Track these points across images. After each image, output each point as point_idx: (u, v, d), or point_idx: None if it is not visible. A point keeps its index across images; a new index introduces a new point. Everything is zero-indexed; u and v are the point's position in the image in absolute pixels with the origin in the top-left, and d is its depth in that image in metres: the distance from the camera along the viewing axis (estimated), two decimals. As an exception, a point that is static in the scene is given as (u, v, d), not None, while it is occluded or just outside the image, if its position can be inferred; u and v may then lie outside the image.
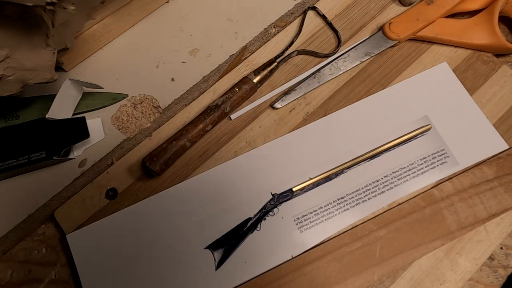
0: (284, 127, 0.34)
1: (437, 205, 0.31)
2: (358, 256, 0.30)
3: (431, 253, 0.30)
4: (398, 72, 0.36)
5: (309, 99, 0.35)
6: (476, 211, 0.31)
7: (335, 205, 0.31)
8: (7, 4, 0.25)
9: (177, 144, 0.32)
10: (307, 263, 0.30)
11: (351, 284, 0.29)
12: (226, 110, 0.33)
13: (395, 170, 0.32)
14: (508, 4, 0.36)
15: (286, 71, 0.36)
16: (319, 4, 0.39)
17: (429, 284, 0.30)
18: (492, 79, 0.35)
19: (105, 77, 0.35)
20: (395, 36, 0.36)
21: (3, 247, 0.31)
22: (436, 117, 0.34)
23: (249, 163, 0.33)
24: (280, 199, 0.31)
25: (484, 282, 0.30)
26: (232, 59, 0.36)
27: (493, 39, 0.35)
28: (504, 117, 0.34)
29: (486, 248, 0.30)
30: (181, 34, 0.37)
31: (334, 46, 0.37)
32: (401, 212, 0.31)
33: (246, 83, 0.34)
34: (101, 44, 0.36)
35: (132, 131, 0.34)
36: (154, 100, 0.35)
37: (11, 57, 0.26)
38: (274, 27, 0.38)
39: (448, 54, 0.36)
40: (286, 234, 0.31)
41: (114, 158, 0.33)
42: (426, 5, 0.36)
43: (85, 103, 0.34)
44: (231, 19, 0.38)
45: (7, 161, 0.30)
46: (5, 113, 0.32)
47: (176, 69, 0.36)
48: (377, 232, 0.31)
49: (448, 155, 0.33)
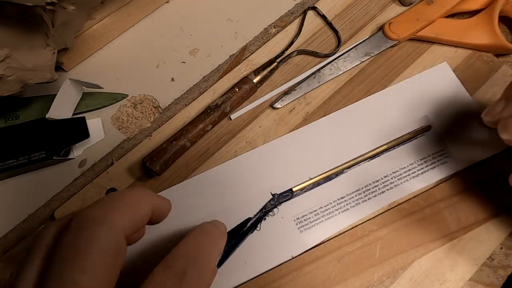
0: (284, 127, 0.34)
1: (437, 205, 0.31)
2: (358, 256, 0.30)
3: (431, 253, 0.30)
4: (398, 72, 0.36)
5: (309, 99, 0.35)
6: (476, 211, 0.31)
7: (335, 205, 0.31)
8: (7, 4, 0.25)
9: (177, 144, 0.32)
10: (307, 263, 0.30)
11: (351, 284, 0.29)
12: (226, 110, 0.33)
13: (395, 170, 0.32)
14: (508, 4, 0.36)
15: (286, 71, 0.36)
16: (319, 4, 0.39)
17: (429, 284, 0.30)
18: (492, 79, 0.35)
19: (105, 77, 0.35)
20: (395, 36, 0.36)
21: (3, 247, 0.31)
22: (436, 117, 0.34)
23: (249, 163, 0.33)
24: (280, 199, 0.31)
25: (484, 282, 0.30)
26: (232, 59, 0.36)
27: (493, 39, 0.35)
28: (504, 117, 0.34)
29: (486, 248, 0.30)
30: (181, 34, 0.37)
31: (334, 46, 0.37)
32: (401, 212, 0.31)
33: (246, 83, 0.34)
34: (101, 44, 0.36)
35: (132, 131, 0.34)
36: (154, 100, 0.35)
37: (11, 57, 0.26)
38: (274, 27, 0.38)
39: (448, 54, 0.36)
40: (286, 234, 0.31)
41: (114, 158, 0.33)
42: (426, 5, 0.36)
43: (85, 103, 0.34)
44: (231, 19, 0.38)
45: (7, 161, 0.30)
46: (5, 113, 0.32)
47: (176, 69, 0.36)
48: (377, 232, 0.31)
49: (448, 155, 0.33)
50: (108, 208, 0.20)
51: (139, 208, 0.21)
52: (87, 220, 0.19)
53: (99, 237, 0.18)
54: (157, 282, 0.19)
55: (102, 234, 0.18)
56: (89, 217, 0.19)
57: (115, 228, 0.19)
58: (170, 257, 0.21)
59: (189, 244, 0.22)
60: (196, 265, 0.21)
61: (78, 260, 0.17)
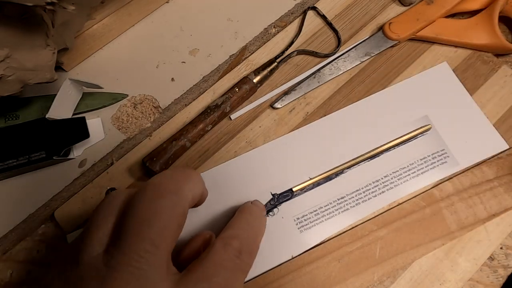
0: (284, 127, 0.34)
1: (437, 205, 0.31)
2: (358, 256, 0.30)
3: (431, 253, 0.30)
4: (398, 72, 0.36)
5: (309, 99, 0.35)
6: (476, 211, 0.31)
7: (335, 205, 0.31)
8: (7, 4, 0.25)
9: (177, 144, 0.32)
10: (307, 263, 0.30)
11: (351, 284, 0.29)
12: (226, 110, 0.33)
13: (395, 170, 0.32)
14: (508, 4, 0.36)
15: (286, 71, 0.36)
16: (319, 4, 0.39)
17: (429, 284, 0.30)
18: (492, 79, 0.35)
19: (105, 77, 0.35)
20: (395, 36, 0.36)
21: (3, 247, 0.31)
22: (436, 117, 0.34)
23: (249, 163, 0.33)
24: (280, 199, 0.31)
25: (484, 282, 0.30)
26: (232, 59, 0.36)
27: (493, 39, 0.35)
28: (504, 117, 0.34)
29: (486, 248, 0.30)
30: (181, 34, 0.37)
31: (334, 46, 0.37)
32: (401, 212, 0.31)
33: (246, 83, 0.34)
34: (101, 44, 0.36)
35: (132, 131, 0.34)
36: (154, 100, 0.35)
37: (11, 57, 0.26)
38: (274, 27, 0.38)
39: (448, 54, 0.36)
40: (286, 234, 0.31)
41: (114, 158, 0.33)
42: (426, 5, 0.36)
43: (85, 103, 0.34)
44: (231, 19, 0.38)
45: (7, 161, 0.30)
46: (5, 113, 0.32)
47: (176, 69, 0.36)
48: (377, 232, 0.31)
49: (448, 155, 0.33)
50: (181, 181, 0.22)
51: (200, 187, 0.24)
52: (164, 189, 0.21)
53: (174, 205, 0.20)
54: (220, 257, 0.21)
55: (177, 203, 0.21)
56: (165, 187, 0.21)
57: (185, 200, 0.21)
58: (228, 236, 0.23)
59: (243, 226, 0.25)
60: (248, 246, 0.23)
61: (154, 221, 0.19)
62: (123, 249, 0.19)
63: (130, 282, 0.18)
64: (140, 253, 0.19)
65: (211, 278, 0.20)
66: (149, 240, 0.19)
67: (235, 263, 0.22)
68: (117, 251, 0.19)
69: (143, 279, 0.18)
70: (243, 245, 0.23)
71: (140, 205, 0.20)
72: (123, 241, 0.19)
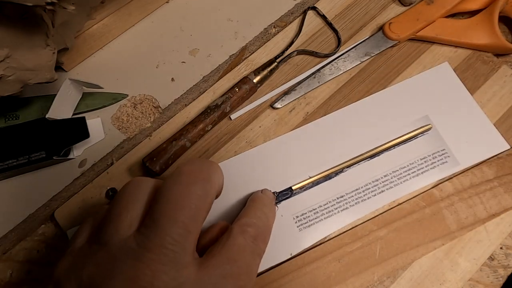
0: (284, 127, 0.34)
1: (437, 205, 0.31)
2: (358, 256, 0.30)
3: (431, 253, 0.30)
4: (398, 72, 0.36)
5: (309, 99, 0.35)
6: (476, 211, 0.31)
7: (335, 204, 0.31)
8: (7, 4, 0.25)
9: (177, 144, 0.32)
10: (307, 263, 0.30)
11: (351, 284, 0.29)
12: (226, 110, 0.33)
13: (395, 170, 0.32)
14: (508, 4, 0.36)
15: (286, 71, 0.36)
16: (319, 4, 0.39)
17: (429, 284, 0.30)
18: (492, 79, 0.35)
19: (105, 77, 0.35)
20: (395, 36, 0.36)
21: (3, 247, 0.31)
22: (436, 117, 0.34)
23: (248, 161, 0.33)
24: (280, 198, 0.31)
25: (484, 282, 0.30)
26: (232, 59, 0.36)
27: (493, 39, 0.35)
28: (504, 117, 0.34)
29: (486, 248, 0.30)
30: (181, 34, 0.37)
31: (334, 46, 0.37)
32: (401, 212, 0.31)
33: (246, 83, 0.34)
34: (101, 44, 0.36)
35: (132, 131, 0.34)
36: (154, 100, 0.35)
37: (11, 57, 0.26)
38: (274, 27, 0.38)
39: (448, 54, 0.36)
40: (285, 232, 0.31)
41: (114, 158, 0.33)
42: (426, 5, 0.36)
43: (85, 103, 0.34)
44: (231, 19, 0.38)
45: (7, 161, 0.30)
46: (5, 113, 0.32)
47: (176, 69, 0.36)
48: (377, 232, 0.31)
49: (448, 155, 0.33)
50: (211, 170, 0.23)
51: (222, 179, 0.25)
52: (197, 176, 0.22)
53: (206, 193, 0.21)
54: (240, 241, 0.22)
55: (208, 191, 0.22)
56: (198, 175, 0.22)
57: (214, 188, 0.22)
58: (244, 223, 0.24)
59: (256, 214, 0.26)
60: (262, 233, 0.25)
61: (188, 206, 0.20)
62: (156, 231, 0.19)
63: (164, 263, 0.19)
64: (173, 236, 0.19)
65: (234, 261, 0.21)
66: (182, 224, 0.20)
67: (252, 248, 0.23)
68: (151, 233, 0.19)
69: (175, 261, 0.19)
70: (258, 232, 0.24)
71: (174, 189, 0.21)
72: (157, 223, 0.20)
